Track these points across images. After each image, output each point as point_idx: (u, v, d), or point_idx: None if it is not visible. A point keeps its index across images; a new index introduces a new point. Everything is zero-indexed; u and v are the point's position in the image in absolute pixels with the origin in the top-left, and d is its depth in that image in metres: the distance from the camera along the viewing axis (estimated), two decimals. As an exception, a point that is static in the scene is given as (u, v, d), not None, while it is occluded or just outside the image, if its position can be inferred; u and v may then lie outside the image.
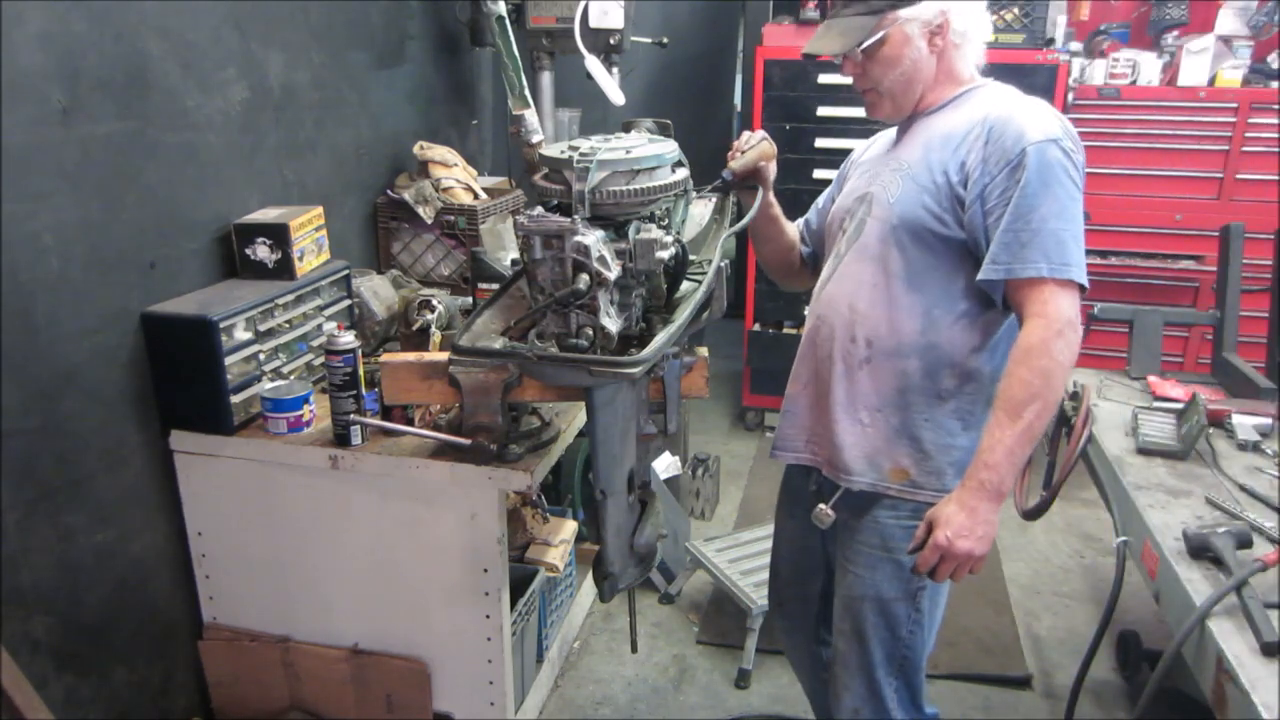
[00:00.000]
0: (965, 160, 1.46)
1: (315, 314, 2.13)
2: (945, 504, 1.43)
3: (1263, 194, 3.53)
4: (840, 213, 1.67)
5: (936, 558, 1.41)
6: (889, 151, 1.63)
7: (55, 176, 1.64)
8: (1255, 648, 1.43)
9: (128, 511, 1.89)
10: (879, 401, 1.56)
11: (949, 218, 1.48)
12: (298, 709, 2.11)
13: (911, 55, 1.52)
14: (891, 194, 1.54)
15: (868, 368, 1.56)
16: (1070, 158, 1.41)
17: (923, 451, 1.55)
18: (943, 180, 1.48)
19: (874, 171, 1.62)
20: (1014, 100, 1.50)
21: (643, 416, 1.64)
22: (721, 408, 4.43)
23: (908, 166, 1.54)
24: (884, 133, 1.74)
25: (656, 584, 2.93)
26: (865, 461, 1.57)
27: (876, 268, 1.54)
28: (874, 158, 1.67)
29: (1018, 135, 1.41)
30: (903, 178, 1.53)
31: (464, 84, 3.06)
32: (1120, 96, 3.59)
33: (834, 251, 1.66)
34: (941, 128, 1.52)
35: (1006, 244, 1.40)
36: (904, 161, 1.55)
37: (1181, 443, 2.08)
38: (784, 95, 3.71)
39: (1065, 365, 1.37)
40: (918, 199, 1.50)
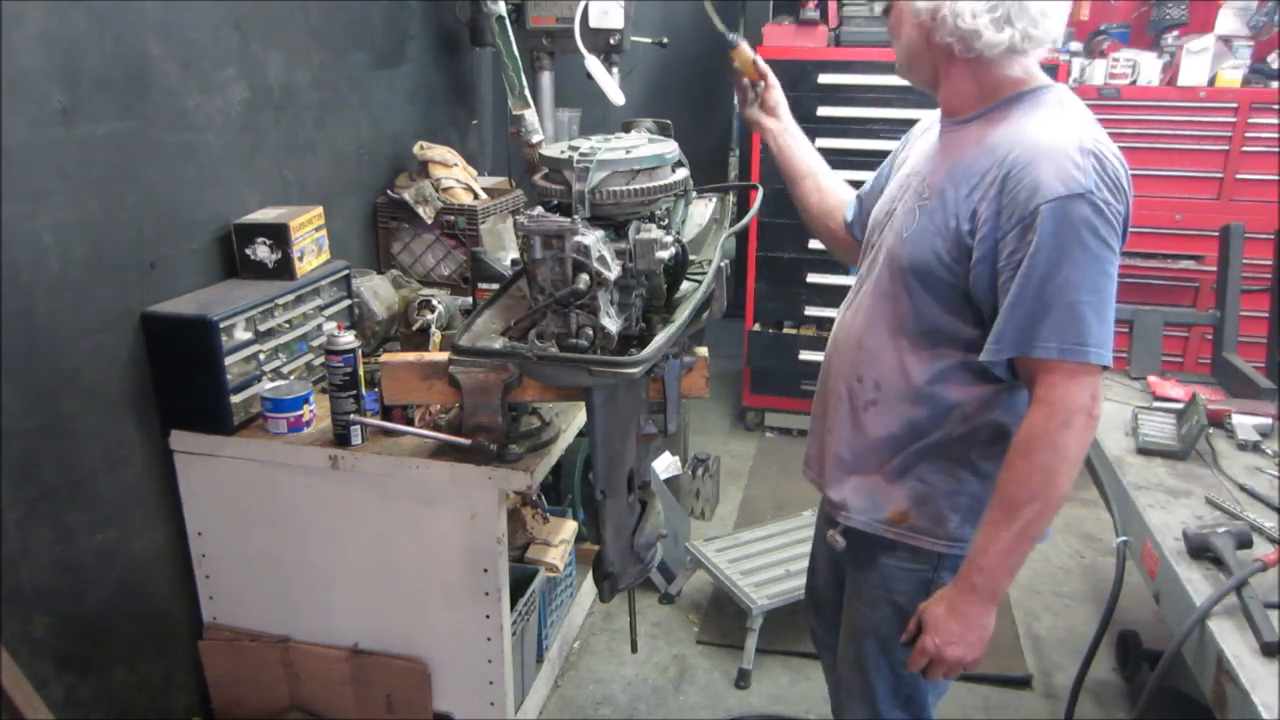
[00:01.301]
0: (977, 208, 1.28)
1: (315, 314, 2.13)
2: (936, 604, 1.35)
3: (1263, 194, 3.53)
4: (878, 218, 1.51)
5: (925, 661, 1.36)
6: (927, 160, 1.43)
7: (55, 176, 1.64)
8: (1255, 648, 1.43)
9: (128, 511, 1.89)
10: (881, 445, 1.45)
11: (959, 268, 1.31)
12: (298, 709, 2.11)
13: (908, 35, 1.37)
14: (907, 227, 1.38)
15: (873, 410, 1.45)
16: (1102, 213, 1.20)
17: (924, 497, 1.44)
18: (954, 225, 1.30)
19: (907, 184, 1.45)
20: (1046, 133, 1.25)
21: (643, 416, 1.64)
22: (721, 408, 4.43)
23: (928, 197, 1.36)
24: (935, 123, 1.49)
25: (656, 584, 2.93)
26: (864, 501, 1.48)
27: (889, 306, 1.42)
28: (914, 162, 1.47)
29: (1033, 188, 1.21)
30: (920, 211, 1.37)
31: (464, 84, 3.06)
32: (1120, 96, 3.59)
33: (863, 267, 1.53)
34: (967, 155, 1.33)
35: (1013, 318, 1.23)
36: (929, 187, 1.37)
37: (1181, 443, 2.08)
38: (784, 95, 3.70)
39: (1073, 460, 1.24)
40: (929, 242, 1.33)
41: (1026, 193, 1.22)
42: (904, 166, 1.52)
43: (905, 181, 1.47)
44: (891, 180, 1.55)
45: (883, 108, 3.64)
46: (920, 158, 1.47)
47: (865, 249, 1.55)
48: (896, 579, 1.49)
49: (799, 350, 3.94)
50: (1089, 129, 1.27)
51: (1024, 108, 1.31)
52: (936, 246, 1.33)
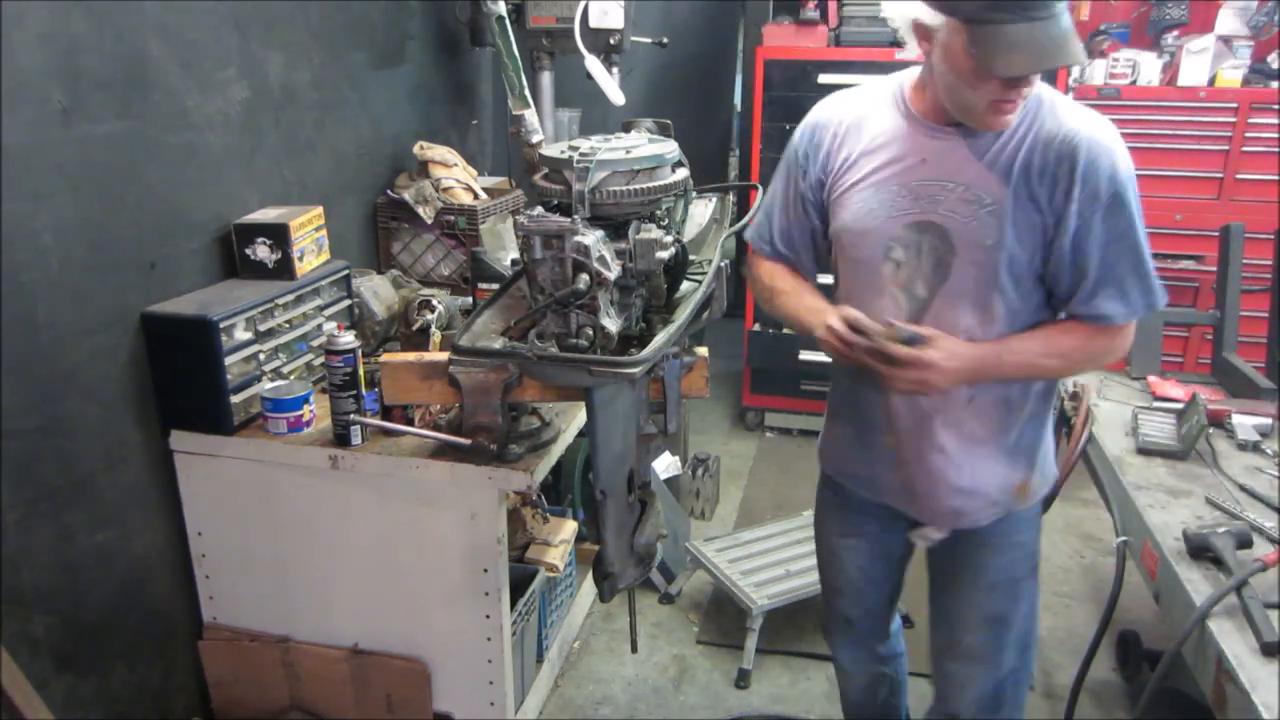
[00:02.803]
0: (1053, 190, 1.38)
1: (315, 314, 2.13)
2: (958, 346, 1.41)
3: (1263, 194, 3.53)
4: (880, 238, 1.48)
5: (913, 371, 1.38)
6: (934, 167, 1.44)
7: (55, 176, 1.64)
8: (1255, 648, 1.43)
9: (128, 511, 1.89)
10: (988, 434, 1.54)
11: (1040, 254, 1.43)
12: (298, 709, 2.11)
13: None
14: (985, 233, 1.41)
15: (971, 406, 1.51)
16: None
17: (1034, 461, 1.60)
18: (1038, 220, 1.40)
19: (925, 194, 1.44)
20: (1088, 120, 1.41)
21: (643, 416, 1.64)
22: (721, 408, 4.43)
23: (990, 200, 1.40)
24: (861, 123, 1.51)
25: (656, 584, 2.93)
26: (996, 495, 1.57)
27: (976, 311, 1.45)
28: (903, 171, 1.46)
29: (1111, 172, 1.37)
30: (989, 213, 1.40)
31: (464, 84, 3.06)
32: (1120, 96, 3.59)
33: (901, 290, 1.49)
34: (1010, 149, 1.40)
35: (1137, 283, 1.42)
36: (977, 190, 1.41)
37: (1181, 443, 2.08)
38: (784, 95, 3.71)
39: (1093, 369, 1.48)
40: (1022, 241, 1.41)
41: (1107, 176, 1.37)
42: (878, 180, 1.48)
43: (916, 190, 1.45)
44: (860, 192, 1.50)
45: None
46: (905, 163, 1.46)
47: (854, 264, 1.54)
48: (1021, 522, 1.62)
49: (799, 350, 3.94)
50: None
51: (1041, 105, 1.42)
52: (1026, 243, 1.41)
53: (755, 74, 3.75)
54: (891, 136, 1.48)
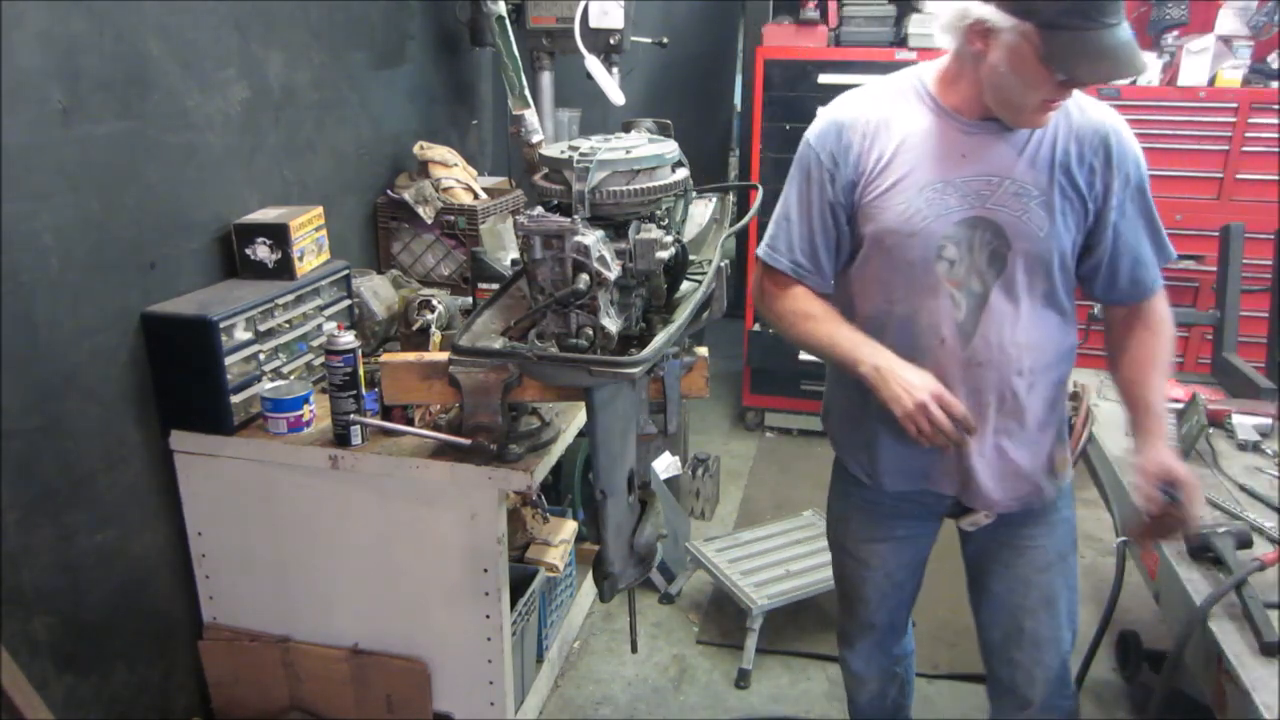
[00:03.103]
0: (1092, 179, 1.47)
1: (315, 314, 2.13)
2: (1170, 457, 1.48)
3: (1263, 194, 3.53)
4: (931, 238, 1.46)
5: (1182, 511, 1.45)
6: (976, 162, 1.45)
7: (55, 176, 1.64)
8: (1255, 648, 1.43)
9: (128, 511, 1.89)
10: (1042, 415, 1.57)
11: (1082, 240, 1.52)
12: (298, 709, 2.11)
13: None
14: (1038, 225, 1.45)
15: (1030, 392, 1.54)
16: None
17: (1065, 434, 1.64)
18: (1080, 207, 1.47)
19: (972, 190, 1.45)
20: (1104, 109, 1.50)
21: (643, 416, 1.64)
22: (721, 408, 4.43)
23: (1035, 190, 1.44)
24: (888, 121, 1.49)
25: (656, 584, 2.93)
26: (1043, 475, 1.59)
27: (1029, 299, 1.49)
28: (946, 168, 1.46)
29: (1135, 155, 1.48)
30: (1039, 205, 1.45)
31: (464, 84, 3.06)
32: (1120, 96, 3.59)
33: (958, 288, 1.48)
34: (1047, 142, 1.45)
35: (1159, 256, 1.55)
36: (1023, 184, 1.44)
37: (1181, 443, 2.08)
38: (784, 95, 3.71)
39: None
40: (1068, 230, 1.48)
41: (1133, 162, 1.48)
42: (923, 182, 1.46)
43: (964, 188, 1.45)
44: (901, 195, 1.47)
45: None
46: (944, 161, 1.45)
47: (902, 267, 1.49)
48: (1062, 497, 1.66)
49: (799, 350, 3.93)
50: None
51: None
52: (1071, 229, 1.48)
53: (755, 74, 3.75)
54: (925, 134, 1.47)
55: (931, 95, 1.48)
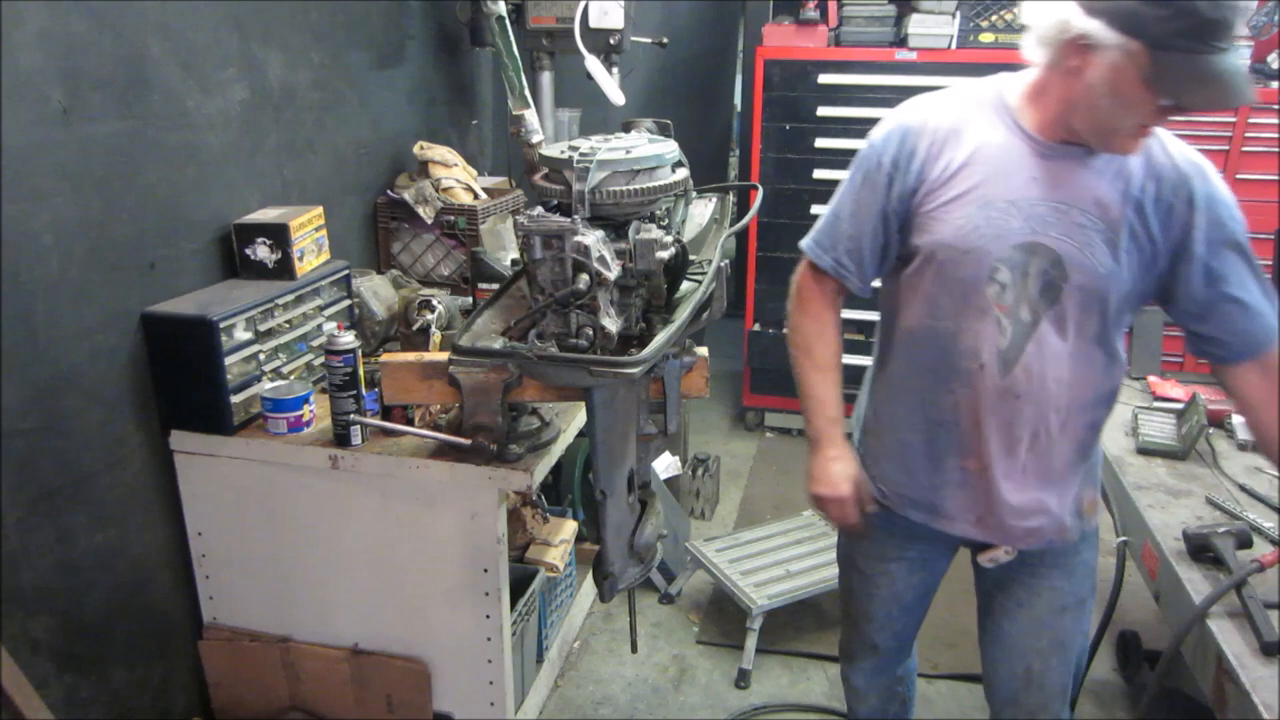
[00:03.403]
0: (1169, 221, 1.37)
1: (315, 314, 2.13)
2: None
3: (1263, 194, 3.53)
4: (986, 258, 1.39)
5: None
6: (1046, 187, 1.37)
7: (55, 176, 1.64)
8: (1255, 648, 1.43)
9: (128, 511, 1.89)
10: (1072, 456, 1.50)
11: (1153, 281, 1.41)
12: (298, 709, 2.11)
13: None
14: (1099, 260, 1.36)
15: (1062, 430, 1.47)
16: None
17: (1097, 476, 1.59)
18: (1148, 250, 1.38)
19: (1036, 215, 1.37)
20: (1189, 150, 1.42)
21: (643, 416, 1.65)
22: (721, 408, 4.43)
23: (1102, 224, 1.36)
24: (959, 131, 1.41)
25: (656, 584, 2.93)
26: (1072, 516, 1.53)
27: (1078, 336, 1.42)
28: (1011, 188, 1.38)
29: (1226, 203, 1.39)
30: (1104, 240, 1.36)
31: (464, 84, 3.06)
32: (1120, 96, 3.59)
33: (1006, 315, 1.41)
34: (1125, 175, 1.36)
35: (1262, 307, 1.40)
36: (1091, 215, 1.36)
37: (1181, 443, 2.08)
38: (784, 95, 3.71)
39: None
40: (1135, 270, 1.38)
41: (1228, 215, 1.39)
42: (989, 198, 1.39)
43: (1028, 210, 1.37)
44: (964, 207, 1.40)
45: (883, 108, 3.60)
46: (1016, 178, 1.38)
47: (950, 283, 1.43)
48: (1084, 539, 1.58)
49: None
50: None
51: None
52: (1135, 271, 1.39)
53: (755, 74, 3.75)
54: (997, 150, 1.39)
55: (1010, 110, 1.40)
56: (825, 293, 1.57)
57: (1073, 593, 1.59)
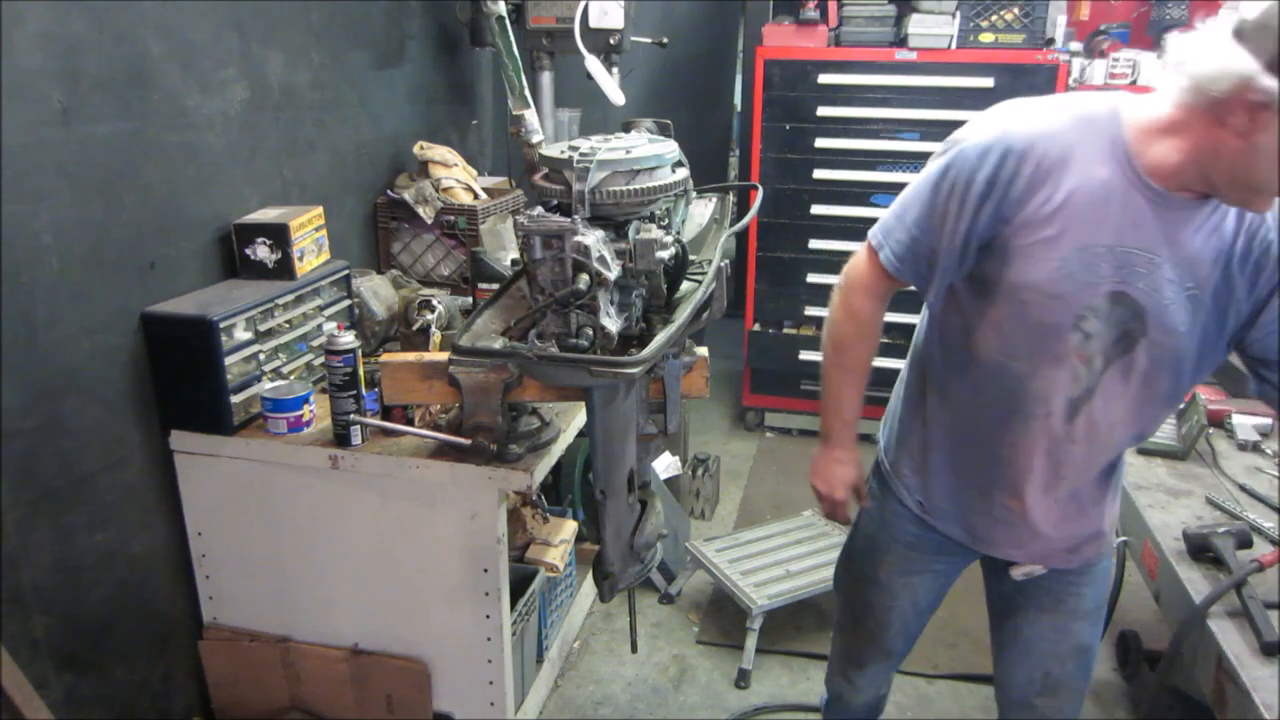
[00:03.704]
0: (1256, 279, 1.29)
1: (315, 314, 2.13)
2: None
3: (1263, 194, 3.52)
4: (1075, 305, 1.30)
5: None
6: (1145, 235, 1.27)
7: (55, 176, 1.64)
8: (1255, 648, 1.43)
9: (128, 511, 1.89)
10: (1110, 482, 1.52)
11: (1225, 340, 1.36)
12: (298, 709, 2.11)
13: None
14: (1179, 319, 1.30)
15: (1106, 465, 1.49)
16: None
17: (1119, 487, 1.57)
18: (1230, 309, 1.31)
19: (1128, 264, 1.28)
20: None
21: (643, 416, 1.64)
22: (721, 408, 4.43)
23: (1193, 283, 1.29)
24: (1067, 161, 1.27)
25: (656, 584, 2.93)
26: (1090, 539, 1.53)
27: (1143, 390, 1.37)
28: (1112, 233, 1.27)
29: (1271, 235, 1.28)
30: (1190, 300, 1.29)
31: (464, 84, 3.06)
32: (1120, 96, 3.59)
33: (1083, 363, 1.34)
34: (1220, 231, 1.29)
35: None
36: (1184, 275, 1.28)
37: (1181, 443, 2.08)
38: (784, 95, 3.71)
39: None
40: (1216, 337, 1.33)
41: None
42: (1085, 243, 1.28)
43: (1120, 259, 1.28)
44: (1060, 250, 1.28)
45: (883, 108, 3.64)
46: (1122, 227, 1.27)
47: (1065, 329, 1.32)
48: (1106, 547, 1.59)
49: (799, 350, 3.94)
50: None
51: None
52: (1216, 339, 1.34)
53: (755, 74, 3.75)
54: (1105, 190, 1.26)
55: (1125, 144, 1.26)
56: (876, 292, 1.48)
57: (1094, 597, 1.60)
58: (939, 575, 1.69)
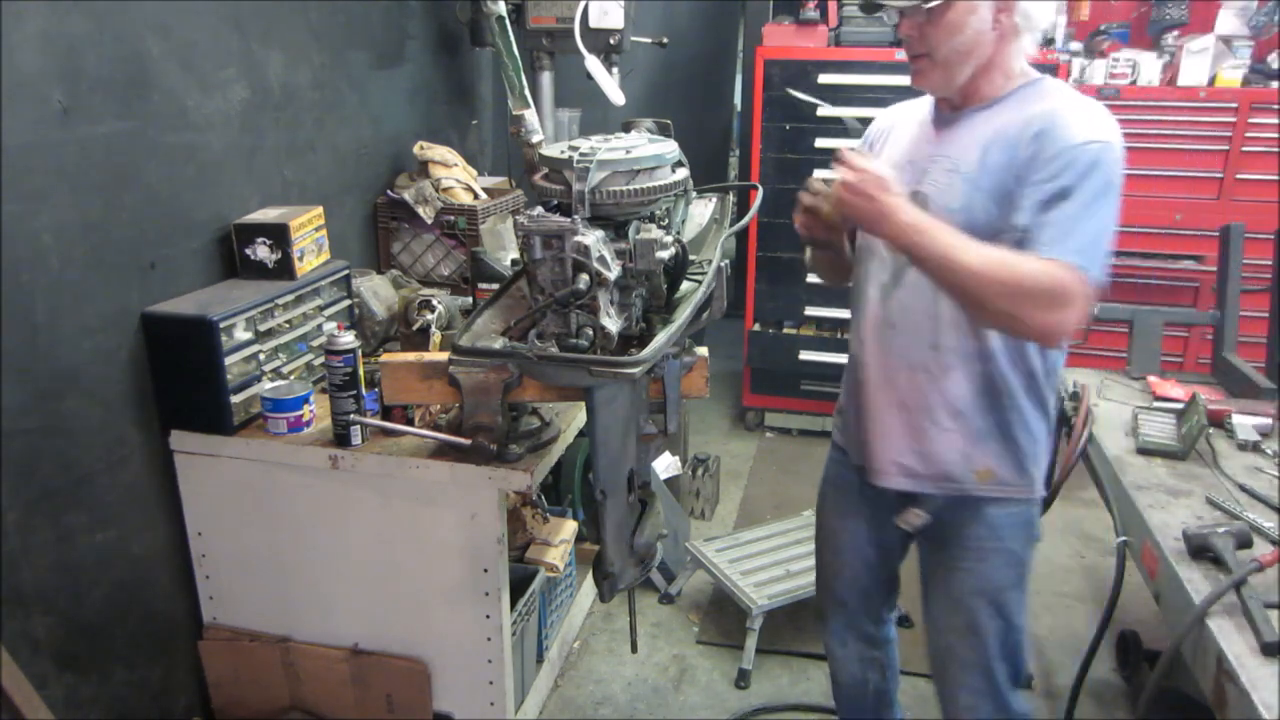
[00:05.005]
0: (1017, 158, 1.43)
1: (315, 314, 2.13)
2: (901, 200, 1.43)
3: (1263, 194, 3.53)
4: None
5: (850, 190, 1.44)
6: (932, 144, 1.56)
7: (55, 176, 1.64)
8: (1255, 648, 1.43)
9: (128, 511, 1.89)
10: (963, 406, 1.56)
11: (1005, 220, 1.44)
12: (298, 709, 2.11)
13: (975, 25, 1.45)
14: (951, 200, 1.48)
15: (951, 374, 1.55)
16: (1118, 164, 1.41)
17: (1008, 450, 1.58)
18: (1000, 183, 1.44)
19: (920, 167, 1.55)
20: (1070, 97, 1.47)
21: (643, 416, 1.64)
22: (721, 408, 4.43)
23: (965, 168, 1.48)
24: (909, 113, 1.66)
25: (656, 584, 2.93)
26: (957, 466, 1.58)
27: None
28: (912, 147, 1.59)
29: (1067, 135, 1.39)
30: (962, 180, 1.48)
31: (464, 84, 3.06)
32: (1120, 96, 3.59)
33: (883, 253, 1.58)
34: (997, 125, 1.47)
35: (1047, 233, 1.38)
36: (958, 161, 1.49)
37: (1181, 443, 2.08)
38: (784, 95, 3.71)
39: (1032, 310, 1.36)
40: (983, 206, 1.45)
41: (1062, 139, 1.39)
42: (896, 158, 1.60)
43: (916, 164, 1.56)
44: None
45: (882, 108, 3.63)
46: (918, 143, 1.59)
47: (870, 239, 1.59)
48: (1004, 525, 1.62)
49: (799, 350, 3.94)
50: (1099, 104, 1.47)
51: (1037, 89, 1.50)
52: (988, 208, 1.45)
53: (755, 74, 3.75)
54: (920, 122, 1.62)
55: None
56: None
57: (986, 576, 1.63)
58: (874, 525, 1.77)
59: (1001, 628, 1.65)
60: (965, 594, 1.65)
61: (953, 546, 1.65)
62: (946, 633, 1.70)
